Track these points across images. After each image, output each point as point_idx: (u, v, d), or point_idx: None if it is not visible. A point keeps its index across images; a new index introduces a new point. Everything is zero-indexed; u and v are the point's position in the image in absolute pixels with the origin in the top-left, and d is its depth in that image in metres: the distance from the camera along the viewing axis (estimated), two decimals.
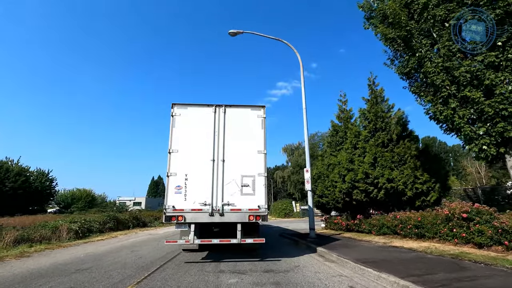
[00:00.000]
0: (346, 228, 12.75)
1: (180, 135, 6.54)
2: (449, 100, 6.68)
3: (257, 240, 6.31)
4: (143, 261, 6.57)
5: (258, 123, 6.80)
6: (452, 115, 6.64)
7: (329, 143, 16.59)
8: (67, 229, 12.55)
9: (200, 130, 6.64)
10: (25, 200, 29.26)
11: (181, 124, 6.62)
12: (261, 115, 6.86)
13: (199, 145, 6.54)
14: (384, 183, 10.08)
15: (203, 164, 6.41)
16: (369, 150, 11.07)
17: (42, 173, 34.20)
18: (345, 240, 9.37)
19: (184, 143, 6.50)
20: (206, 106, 6.88)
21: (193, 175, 6.30)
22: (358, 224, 11.55)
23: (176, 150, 6.43)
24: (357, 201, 11.29)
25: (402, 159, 10.34)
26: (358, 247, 7.55)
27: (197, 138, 6.57)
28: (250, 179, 6.39)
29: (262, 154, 6.59)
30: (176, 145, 6.46)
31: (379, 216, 10.31)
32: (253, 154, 6.54)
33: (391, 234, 9.54)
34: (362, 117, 12.61)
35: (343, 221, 13.23)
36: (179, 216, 6.05)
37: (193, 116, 6.74)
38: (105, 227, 16.04)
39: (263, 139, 6.68)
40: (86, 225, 14.45)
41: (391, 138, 11.14)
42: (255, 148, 6.59)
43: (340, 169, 11.77)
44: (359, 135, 12.22)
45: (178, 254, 7.53)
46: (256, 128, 6.75)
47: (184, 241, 6.15)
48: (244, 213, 6.19)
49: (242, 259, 6.55)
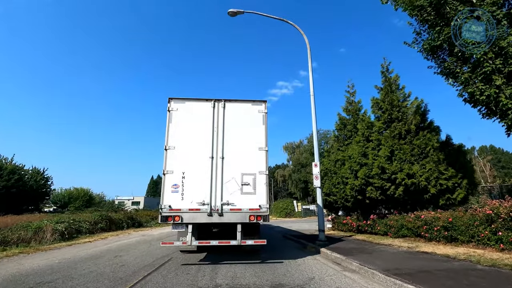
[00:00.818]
0: (357, 229, 11.60)
1: (177, 131, 6.23)
2: (493, 76, 5.52)
3: (258, 242, 5.91)
4: (124, 271, 5.46)
5: (259, 118, 6.46)
6: (497, 95, 5.49)
7: (336, 137, 15.46)
8: (52, 230, 11.48)
9: (198, 125, 6.33)
10: (19, 199, 28.32)
11: (178, 120, 6.31)
12: (262, 110, 6.52)
13: (197, 141, 6.22)
14: (403, 179, 8.92)
15: (201, 161, 6.08)
16: (384, 142, 9.91)
17: (37, 172, 33.22)
18: (360, 244, 8.23)
19: (181, 139, 6.19)
20: (204, 100, 6.53)
21: (191, 173, 5.98)
22: (371, 225, 10.41)
23: (172, 147, 6.11)
24: (371, 200, 10.14)
25: (423, 152, 9.18)
26: (380, 253, 6.41)
27: (195, 134, 6.26)
28: (251, 177, 6.07)
29: (263, 151, 6.25)
30: (173, 141, 6.15)
31: (397, 216, 9.16)
32: (253, 151, 6.23)
33: (411, 236, 8.40)
34: (375, 107, 11.44)
35: (353, 222, 12.08)
36: (176, 216, 5.73)
37: (191, 111, 6.43)
38: (96, 228, 14.97)
39: (265, 136, 6.36)
40: (74, 225, 13.39)
41: (409, 129, 9.97)
42: (255, 145, 6.27)
43: (352, 164, 10.61)
44: (372, 126, 11.06)
45: (169, 261, 6.42)
46: (257, 124, 6.42)
47: (181, 243, 5.80)
48: (245, 213, 5.86)
49: (243, 261, 6.00)
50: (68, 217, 13.98)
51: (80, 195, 40.28)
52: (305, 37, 10.40)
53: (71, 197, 39.20)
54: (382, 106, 10.81)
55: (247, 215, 5.82)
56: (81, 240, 11.31)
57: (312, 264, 5.87)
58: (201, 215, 5.81)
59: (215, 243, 5.78)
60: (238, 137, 6.30)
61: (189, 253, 7.29)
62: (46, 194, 33.95)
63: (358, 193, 10.32)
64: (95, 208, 28.89)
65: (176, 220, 5.72)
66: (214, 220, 5.83)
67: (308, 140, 48.06)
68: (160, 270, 5.44)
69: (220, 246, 6.26)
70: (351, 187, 10.43)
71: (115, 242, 10.74)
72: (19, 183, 28.47)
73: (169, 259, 6.63)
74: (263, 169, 6.15)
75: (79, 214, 17.53)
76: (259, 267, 5.56)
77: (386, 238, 8.95)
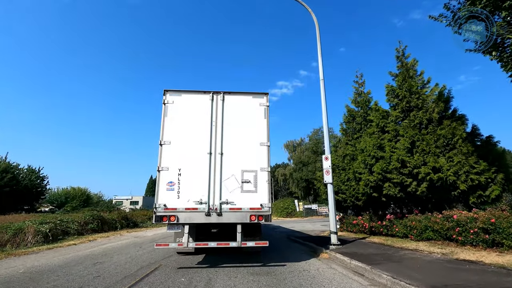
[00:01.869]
0: (370, 231, 10.50)
1: (173, 125, 5.88)
2: None
3: (259, 244, 5.46)
4: (97, 285, 4.38)
5: (260, 112, 6.12)
6: None
7: (344, 131, 14.35)
8: (34, 231, 10.44)
9: (196, 119, 5.98)
10: (13, 199, 27.45)
11: (174, 113, 5.96)
12: (263, 103, 6.18)
13: (195, 136, 5.87)
14: (427, 174, 7.78)
15: (199, 157, 5.74)
16: (403, 132, 8.77)
17: (32, 171, 32.31)
18: (380, 248, 7.13)
19: (177, 134, 5.84)
20: (202, 92, 6.17)
21: (188, 170, 5.64)
22: (387, 226, 9.30)
23: (168, 142, 5.77)
24: (388, 198, 9.03)
25: (450, 143, 8.05)
26: (411, 261, 5.29)
27: (192, 129, 5.91)
28: (252, 175, 5.73)
29: (265, 146, 5.89)
30: (169, 136, 5.80)
31: (420, 216, 8.05)
32: (255, 147, 5.88)
33: (438, 239, 7.30)
34: (390, 95, 10.30)
35: (365, 222, 10.97)
36: (171, 216, 5.38)
37: (188, 104, 6.08)
38: (86, 229, 13.90)
39: (266, 130, 6.00)
40: (61, 226, 12.35)
41: (430, 118, 8.84)
42: (257, 139, 5.92)
43: (366, 158, 9.49)
44: (387, 116, 9.94)
45: (156, 270, 5.34)
46: (258, 118, 6.07)
47: (176, 244, 5.48)
48: (245, 212, 5.49)
49: (244, 264, 5.53)
50: (54, 217, 12.91)
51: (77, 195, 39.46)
52: (313, 15, 9.29)
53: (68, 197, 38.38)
54: (399, 93, 9.67)
55: (247, 215, 5.44)
56: (66, 243, 10.23)
57: (329, 276, 4.77)
58: (199, 214, 5.44)
59: (214, 245, 5.36)
60: (238, 132, 5.94)
61: (186, 255, 6.89)
62: (41, 193, 33.02)
63: (373, 190, 9.19)
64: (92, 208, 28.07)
65: (171, 220, 5.35)
66: (212, 220, 5.43)
67: (310, 138, 46.86)
68: (140, 284, 4.35)
69: (219, 248, 5.82)
70: (365, 183, 9.31)
71: (102, 245, 9.66)
72: (12, 182, 27.61)
73: (156, 268, 5.55)
74: (264, 165, 5.75)
75: (68, 214, 16.51)
76: (265, 279, 4.47)
77: (408, 242, 7.84)
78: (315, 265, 5.74)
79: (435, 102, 9.04)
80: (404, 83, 9.60)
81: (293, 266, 5.60)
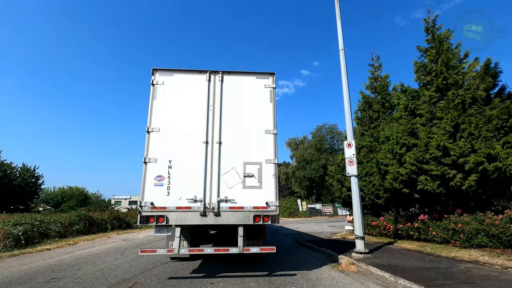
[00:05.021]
0: (396, 234, 8.89)
1: (163, 110, 5.08)
2: None
3: (265, 250, 4.63)
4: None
5: (265, 94, 5.29)
6: None
7: (359, 120, 12.75)
8: (3, 234, 9.00)
9: (190, 103, 5.19)
10: (5, 198, 26.25)
11: (164, 96, 5.17)
12: (269, 85, 5.34)
13: (188, 122, 5.08)
14: (479, 163, 6.13)
15: (193, 147, 4.94)
16: (443, 114, 7.14)
17: (26, 170, 31.02)
18: (424, 259, 5.51)
19: (168, 120, 5.04)
20: (197, 72, 5.36)
21: (180, 162, 4.86)
22: (421, 229, 7.68)
23: (157, 129, 4.98)
24: (423, 194, 7.40)
25: (505, 126, 6.41)
26: (488, 282, 3.69)
27: (185, 114, 5.12)
28: (256, 167, 4.93)
29: (271, 134, 5.09)
30: (158, 122, 5.01)
31: (468, 217, 6.42)
32: (259, 135, 5.08)
33: (497, 247, 5.69)
34: (420, 72, 8.65)
35: (388, 223, 9.36)
36: (159, 216, 4.58)
37: (181, 86, 5.28)
38: (71, 230, 12.46)
39: (273, 115, 5.18)
40: (40, 227, 10.92)
41: (474, 96, 7.21)
42: (261, 127, 5.12)
43: (393, 147, 7.86)
44: (418, 97, 8.31)
45: None
46: (263, 102, 5.25)
47: (165, 251, 4.60)
48: (248, 212, 4.68)
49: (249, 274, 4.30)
50: (33, 218, 11.45)
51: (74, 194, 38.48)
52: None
53: (64, 196, 37.39)
54: (433, 69, 8.03)
55: (251, 215, 4.64)
56: (39, 247, 8.76)
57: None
58: (192, 215, 4.64)
59: (210, 251, 4.56)
60: (239, 118, 5.15)
61: (181, 261, 6.11)
62: (35, 193, 31.74)
63: (404, 185, 7.57)
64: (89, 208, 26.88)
65: (159, 221, 4.54)
66: (208, 221, 4.62)
67: (313, 135, 45.08)
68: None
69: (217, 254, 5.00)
70: (394, 177, 7.67)
71: (79, 251, 8.16)
72: (4, 181, 26.40)
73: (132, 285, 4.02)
74: (271, 156, 4.96)
75: (53, 214, 15.08)
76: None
77: (452, 249, 6.22)
78: (339, 279, 4.17)
79: (479, 77, 7.39)
80: (440, 56, 7.96)
81: (308, 278, 4.02)
